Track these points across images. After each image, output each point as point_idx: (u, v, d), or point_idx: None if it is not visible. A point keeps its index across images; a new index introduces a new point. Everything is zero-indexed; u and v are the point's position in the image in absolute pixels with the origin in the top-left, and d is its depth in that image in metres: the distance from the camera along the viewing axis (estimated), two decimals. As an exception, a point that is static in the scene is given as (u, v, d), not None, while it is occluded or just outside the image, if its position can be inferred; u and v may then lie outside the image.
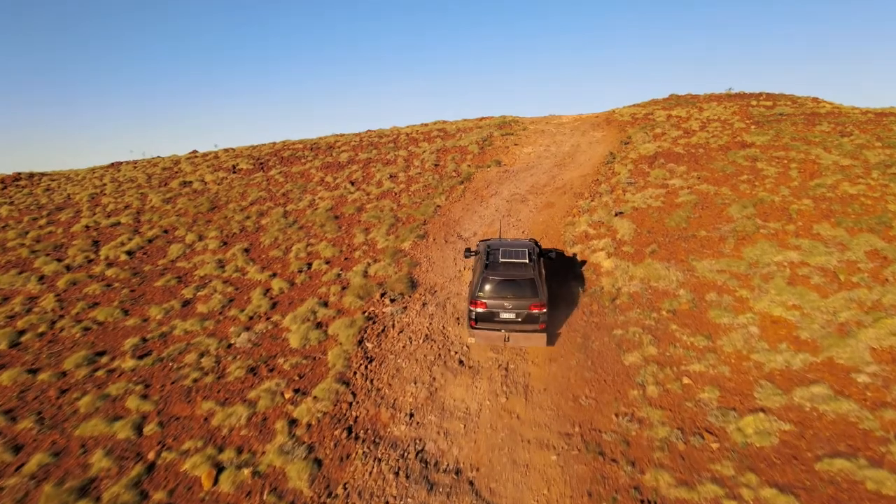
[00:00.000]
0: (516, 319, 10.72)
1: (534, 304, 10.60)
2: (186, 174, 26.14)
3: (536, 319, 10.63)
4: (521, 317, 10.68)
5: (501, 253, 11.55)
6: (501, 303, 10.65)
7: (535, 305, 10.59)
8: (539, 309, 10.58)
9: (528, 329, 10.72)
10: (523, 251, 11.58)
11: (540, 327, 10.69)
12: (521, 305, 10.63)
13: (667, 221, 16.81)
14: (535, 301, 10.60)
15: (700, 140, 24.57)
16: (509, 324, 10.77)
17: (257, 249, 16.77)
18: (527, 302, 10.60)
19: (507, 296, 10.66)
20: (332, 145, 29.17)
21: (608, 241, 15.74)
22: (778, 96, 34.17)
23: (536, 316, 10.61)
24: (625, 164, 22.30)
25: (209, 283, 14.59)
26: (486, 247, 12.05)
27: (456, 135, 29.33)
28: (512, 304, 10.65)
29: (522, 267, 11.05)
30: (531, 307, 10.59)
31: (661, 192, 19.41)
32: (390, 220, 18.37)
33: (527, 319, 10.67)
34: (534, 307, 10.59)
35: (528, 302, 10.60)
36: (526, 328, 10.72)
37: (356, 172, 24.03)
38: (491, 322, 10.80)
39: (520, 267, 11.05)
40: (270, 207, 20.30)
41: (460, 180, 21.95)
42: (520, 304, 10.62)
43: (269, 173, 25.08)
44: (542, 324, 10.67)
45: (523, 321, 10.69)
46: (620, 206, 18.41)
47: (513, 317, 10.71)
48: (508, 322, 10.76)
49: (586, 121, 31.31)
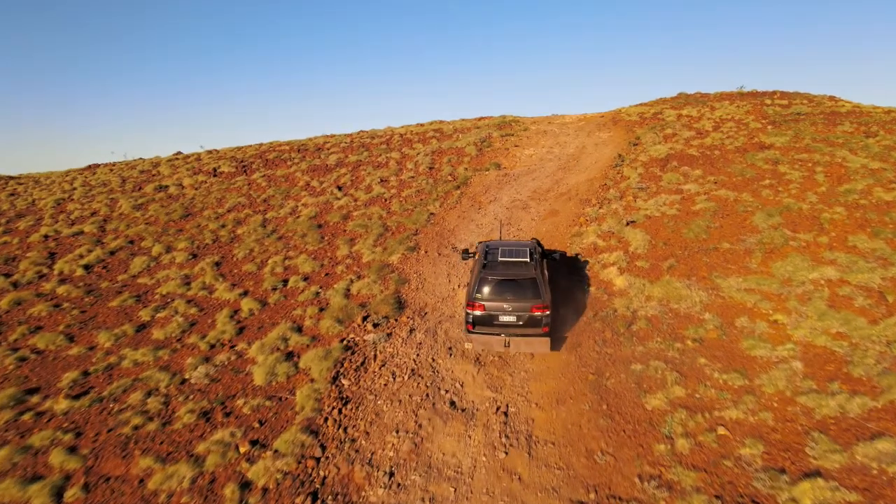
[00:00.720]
0: (517, 323, 9.96)
1: (536, 305, 9.80)
2: (164, 178, 24.59)
3: (539, 322, 9.85)
4: (522, 320, 9.93)
5: (501, 252, 10.86)
6: (501, 305, 9.92)
7: (538, 307, 9.79)
8: (542, 311, 9.79)
9: (529, 333, 9.92)
10: (524, 250, 10.88)
11: (543, 331, 9.89)
12: (522, 307, 9.88)
13: (684, 232, 15.26)
14: (538, 302, 9.79)
15: (714, 141, 23.03)
16: (510, 327, 10.00)
17: (229, 263, 15.21)
18: (528, 303, 9.84)
19: (507, 297, 9.93)
20: (321, 147, 27.63)
21: (620, 254, 14.18)
22: (793, 95, 32.65)
23: (539, 318, 9.83)
24: (634, 168, 20.76)
25: (171, 302, 13.02)
26: (484, 247, 11.39)
27: (453, 136, 27.79)
28: (512, 306, 9.90)
29: (523, 266, 10.34)
30: (533, 309, 9.82)
31: (676, 198, 17.87)
32: (378, 229, 16.82)
33: (528, 322, 9.91)
34: (536, 309, 9.80)
35: (530, 303, 9.83)
36: (528, 332, 9.93)
37: (344, 176, 22.48)
38: (490, 326, 10.05)
39: (520, 266, 10.35)
40: (249, 215, 18.75)
41: (456, 185, 20.40)
42: (521, 305, 9.88)
43: (251, 177, 23.54)
44: (545, 327, 9.87)
45: (525, 324, 9.93)
46: (632, 214, 16.86)
47: (513, 320, 9.97)
48: (509, 325, 10.00)
49: (591, 121, 29.78)
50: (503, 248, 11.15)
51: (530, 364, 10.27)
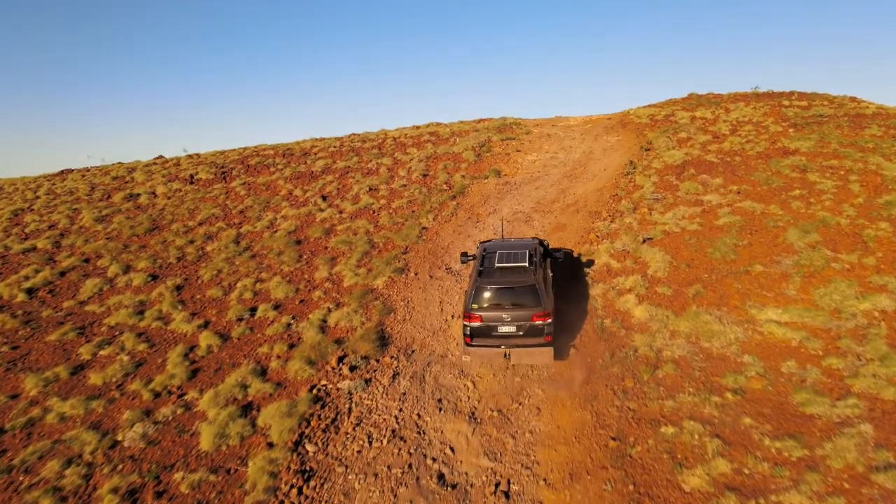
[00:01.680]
0: (517, 333, 9.48)
1: (537, 313, 9.31)
2: (136, 185, 22.91)
3: (541, 331, 9.37)
4: (522, 329, 9.45)
5: (498, 256, 10.25)
6: (499, 314, 9.44)
7: (539, 315, 9.31)
8: (543, 319, 9.31)
9: (531, 343, 9.43)
10: (523, 253, 10.25)
11: (545, 340, 9.39)
12: (522, 316, 9.38)
13: (709, 251, 13.58)
14: (538, 310, 9.30)
15: (733, 146, 21.36)
16: (510, 338, 9.52)
17: (193, 286, 13.52)
18: (528, 312, 9.35)
19: (506, 306, 9.46)
20: (308, 151, 25.96)
21: (637, 278, 12.50)
22: (811, 95, 30.99)
23: (540, 327, 9.34)
24: (648, 176, 19.08)
25: (118, 336, 11.34)
26: (482, 250, 10.89)
27: (449, 139, 26.12)
28: (511, 316, 9.42)
29: (521, 271, 9.81)
30: (534, 317, 9.33)
31: (696, 210, 16.19)
32: (364, 246, 15.13)
33: (529, 332, 9.42)
34: (537, 317, 9.32)
35: (530, 312, 9.34)
36: (529, 342, 9.44)
37: (330, 184, 20.79)
38: (489, 337, 9.55)
39: (518, 272, 9.81)
40: (222, 229, 17.05)
41: (452, 195, 18.72)
42: (520, 314, 9.38)
43: (230, 184, 21.86)
44: (547, 336, 9.38)
45: (525, 334, 9.46)
46: (648, 229, 15.17)
47: (513, 330, 9.48)
48: (509, 336, 9.53)
49: (598, 123, 28.11)
50: (501, 251, 10.49)
51: (536, 422, 8.58)
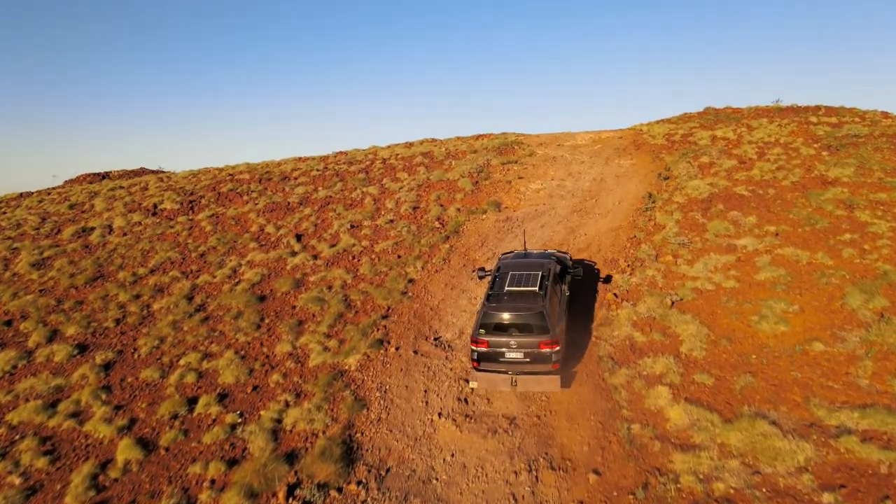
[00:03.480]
0: (524, 360, 9.49)
1: (544, 341, 9.34)
2: (93, 215, 20.72)
3: (548, 359, 9.40)
4: (529, 356, 9.45)
5: (509, 279, 10.39)
6: (506, 340, 9.49)
7: (546, 343, 9.34)
8: (551, 346, 9.33)
9: (538, 371, 9.49)
10: (535, 275, 10.36)
11: (553, 367, 9.43)
12: (528, 343, 9.40)
13: (753, 319, 11.35)
14: (545, 338, 9.34)
15: (764, 174, 19.16)
16: (516, 364, 9.54)
17: (126, 364, 11.28)
18: (535, 339, 9.38)
19: (513, 332, 9.50)
20: (288, 175, 23.76)
21: (669, 360, 10.26)
22: (839, 110, 28.79)
23: (548, 355, 9.37)
24: (670, 212, 16.86)
25: (17, 443, 9.09)
26: (496, 267, 11.25)
27: (444, 162, 23.92)
28: (518, 343, 9.44)
29: (530, 297, 9.89)
30: (541, 345, 9.35)
31: (730, 259, 13.98)
32: (338, 306, 12.91)
33: (536, 359, 9.44)
34: (544, 345, 9.34)
35: (537, 339, 9.37)
36: (536, 369, 9.50)
37: (308, 219, 18.58)
38: (496, 362, 9.60)
39: (527, 297, 9.89)
40: (176, 279, 14.82)
41: (445, 235, 16.50)
42: (527, 341, 9.40)
43: (196, 217, 19.66)
44: (555, 364, 9.42)
45: (533, 361, 9.47)
46: (675, 286, 12.95)
47: (520, 356, 9.48)
48: (515, 363, 9.54)
49: (608, 143, 25.91)
50: (513, 272, 10.63)
51: None
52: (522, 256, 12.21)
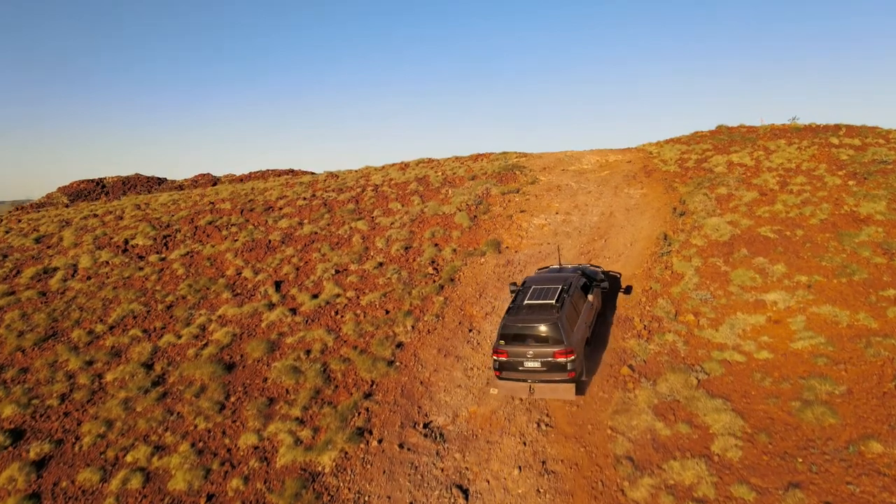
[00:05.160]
0: (541, 368, 10.09)
1: (558, 350, 9.91)
2: (60, 251, 19.24)
3: (563, 368, 9.94)
4: (546, 365, 10.04)
5: (531, 293, 11.15)
6: (524, 350, 10.16)
7: (561, 353, 9.91)
8: (565, 356, 9.89)
9: (554, 379, 10.06)
10: (555, 289, 11.04)
11: (568, 376, 9.96)
12: (544, 353, 10.01)
13: (794, 405, 9.84)
14: (560, 348, 9.91)
15: (788, 209, 17.66)
16: (534, 373, 10.15)
17: (64, 460, 9.77)
18: (550, 349, 9.97)
19: (530, 343, 10.15)
20: (272, 205, 22.27)
21: (700, 466, 8.75)
22: (861, 130, 27.29)
23: (563, 364, 9.92)
24: (688, 258, 15.36)
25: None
26: (524, 282, 11.91)
27: (441, 191, 22.43)
28: (535, 352, 10.08)
29: (546, 310, 10.50)
30: (556, 354, 9.93)
31: (760, 320, 12.51)
32: (315, 380, 11.41)
33: (552, 368, 10.00)
34: (559, 354, 9.91)
35: (553, 349, 9.95)
36: (553, 377, 10.06)
37: (290, 261, 17.10)
38: (515, 371, 10.28)
39: (544, 310, 10.52)
40: (136, 339, 13.33)
41: (439, 284, 15.00)
42: (543, 351, 10.01)
43: (169, 256, 18.17)
44: (570, 372, 9.94)
45: (549, 370, 10.04)
46: (699, 356, 11.45)
47: (537, 366, 10.10)
48: (533, 371, 10.16)
49: (616, 168, 24.40)
50: (536, 286, 11.34)
51: None
52: (557, 271, 13.09)
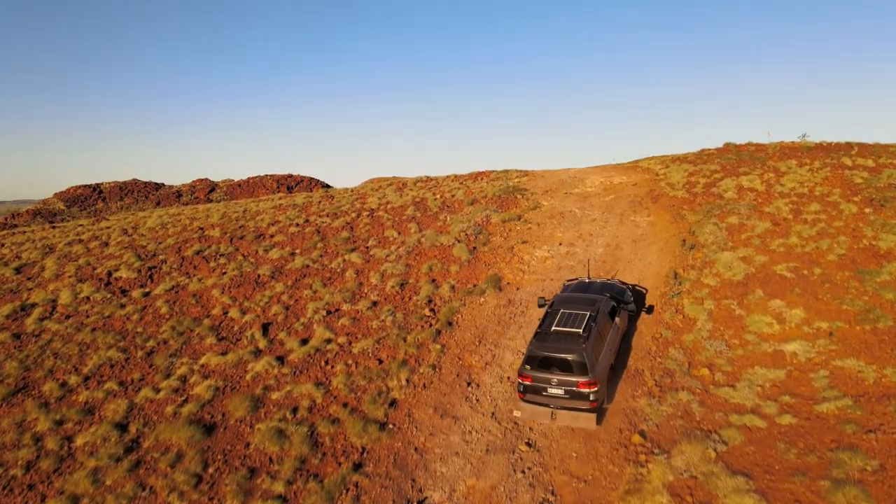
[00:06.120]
0: (564, 396, 10.30)
1: (582, 381, 10.11)
2: (39, 284, 18.46)
3: (586, 398, 10.16)
4: (569, 394, 10.24)
5: (559, 318, 11.27)
6: (549, 377, 10.36)
7: (585, 384, 10.11)
8: (588, 387, 10.09)
9: (577, 407, 10.28)
10: (583, 315, 11.16)
11: (590, 406, 10.19)
12: (569, 382, 10.20)
13: (823, 486, 9.00)
14: (584, 379, 10.10)
15: (804, 242, 16.86)
16: (557, 399, 10.40)
17: (24, 547, 8.93)
18: (575, 378, 10.16)
19: (554, 370, 10.34)
20: (263, 233, 21.49)
21: (724, 563, 7.90)
22: (874, 149, 26.45)
23: (586, 394, 10.14)
24: (700, 300, 14.57)
25: None
26: (551, 303, 12.21)
27: (439, 217, 21.65)
28: (559, 380, 10.27)
29: (574, 339, 10.63)
30: (580, 385, 10.13)
31: (780, 375, 11.77)
32: (302, 447, 10.61)
33: (575, 396, 10.22)
34: (583, 385, 10.12)
35: (577, 378, 10.14)
36: (575, 405, 10.29)
37: (279, 298, 16.31)
38: (539, 395, 10.52)
39: (571, 339, 10.65)
40: (111, 394, 12.53)
41: (436, 329, 14.20)
42: (568, 380, 10.21)
43: (153, 290, 17.39)
44: (593, 402, 10.16)
45: (572, 398, 10.26)
46: (716, 420, 10.64)
47: (560, 392, 10.31)
48: (556, 398, 10.39)
49: (621, 191, 23.58)
50: (564, 309, 11.48)
51: None
52: (585, 287, 13.48)
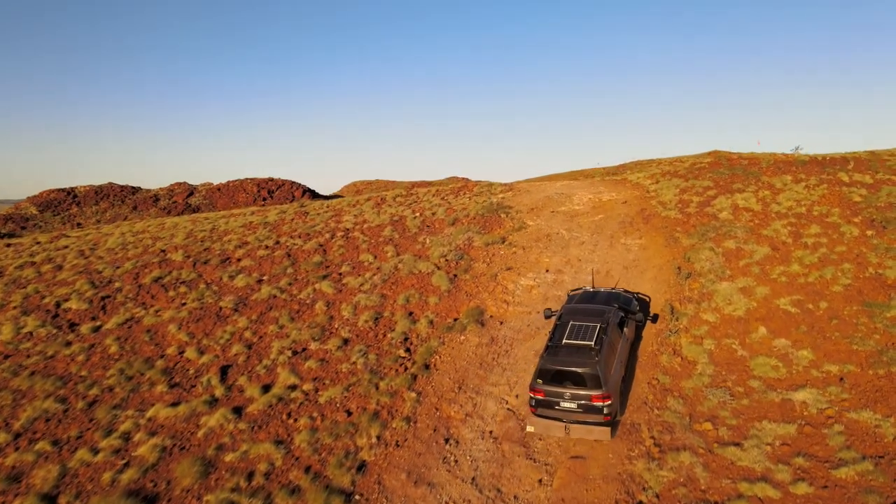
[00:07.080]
0: (577, 409, 10.18)
1: (596, 395, 10.02)
2: (-20, 318, 16.84)
3: (600, 411, 10.04)
4: (582, 407, 10.13)
5: (569, 330, 11.16)
6: (561, 391, 10.25)
7: (598, 397, 10.01)
8: (602, 400, 9.99)
9: (590, 421, 10.16)
10: (593, 328, 11.02)
11: (604, 419, 10.07)
12: (582, 395, 10.12)
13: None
14: (598, 392, 10.01)
15: (807, 271, 15.93)
16: (570, 413, 10.25)
17: None
18: (588, 392, 10.06)
19: (567, 384, 10.22)
20: (230, 256, 20.08)
21: None
22: (869, 162, 25.77)
23: (600, 408, 10.03)
24: (699, 339, 13.52)
25: None
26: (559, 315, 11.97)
27: (418, 238, 20.42)
28: (572, 394, 10.17)
29: (586, 353, 10.52)
30: (593, 398, 10.03)
31: (790, 430, 10.78)
32: (253, 527, 9.27)
33: (589, 410, 10.10)
34: (596, 399, 10.02)
35: (590, 392, 10.04)
36: (588, 419, 10.17)
37: (242, 335, 14.97)
38: (551, 409, 10.38)
39: (583, 353, 10.53)
40: (43, 457, 11.12)
41: (412, 373, 12.98)
42: (581, 393, 10.12)
43: (104, 325, 15.94)
44: (606, 416, 10.05)
45: (585, 411, 10.14)
46: (724, 488, 9.54)
47: (573, 406, 10.19)
48: (569, 411, 10.25)
49: (610, 210, 22.52)
50: (574, 321, 11.35)
51: None
52: (590, 297, 13.27)
